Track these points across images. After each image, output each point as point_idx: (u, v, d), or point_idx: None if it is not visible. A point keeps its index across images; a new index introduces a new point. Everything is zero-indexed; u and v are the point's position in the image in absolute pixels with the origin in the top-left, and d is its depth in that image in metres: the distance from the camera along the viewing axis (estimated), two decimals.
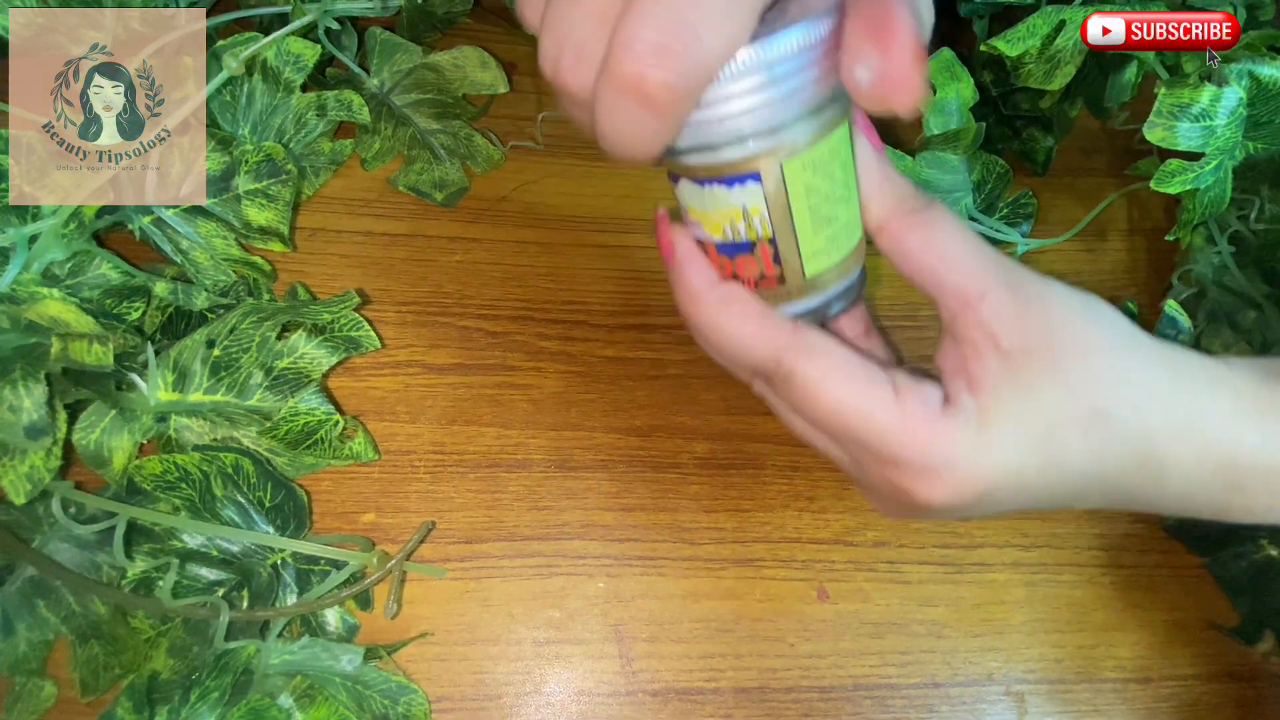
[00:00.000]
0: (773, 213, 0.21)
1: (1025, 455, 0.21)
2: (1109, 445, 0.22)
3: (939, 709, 0.33)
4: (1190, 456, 0.22)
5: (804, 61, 0.19)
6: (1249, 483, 0.22)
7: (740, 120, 0.19)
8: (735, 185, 0.20)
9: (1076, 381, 0.21)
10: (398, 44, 0.39)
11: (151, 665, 0.29)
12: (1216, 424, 0.22)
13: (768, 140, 0.19)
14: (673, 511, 0.35)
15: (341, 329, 0.33)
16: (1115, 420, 0.21)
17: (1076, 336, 0.22)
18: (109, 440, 0.30)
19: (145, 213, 0.33)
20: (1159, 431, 0.22)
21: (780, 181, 0.20)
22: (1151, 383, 0.22)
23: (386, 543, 0.33)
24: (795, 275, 0.22)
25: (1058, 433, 0.21)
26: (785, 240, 0.21)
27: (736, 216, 0.21)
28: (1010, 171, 0.40)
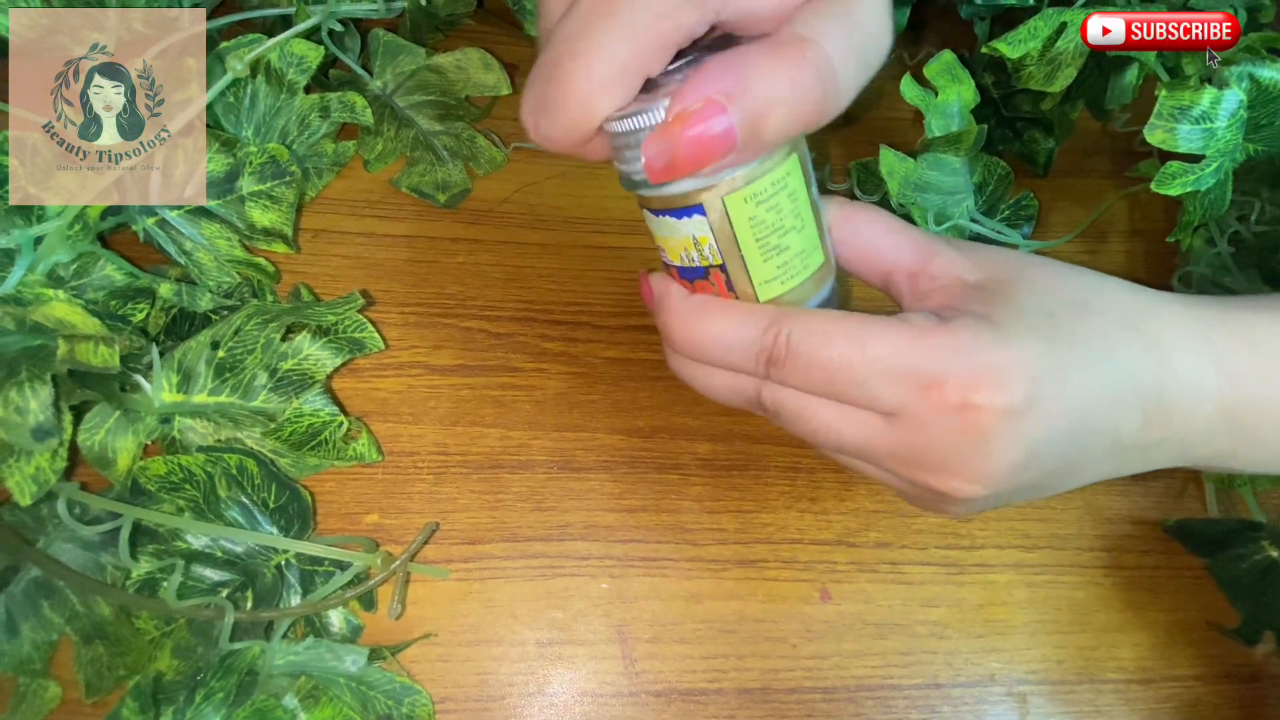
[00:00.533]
0: (720, 243, 0.22)
1: (1046, 340, 0.21)
2: (1108, 330, 0.22)
3: (941, 710, 0.33)
4: (1177, 337, 0.23)
5: None
6: (1257, 421, 0.23)
7: None
8: (683, 216, 0.22)
9: (1050, 283, 0.23)
10: (401, 46, 0.39)
11: (156, 666, 0.29)
12: (1189, 314, 0.23)
13: (705, 178, 0.21)
14: (675, 513, 0.35)
15: (345, 330, 0.33)
16: (1100, 308, 0.22)
17: (1033, 261, 0.24)
18: (113, 441, 0.30)
19: (149, 214, 0.33)
20: (1140, 316, 0.23)
21: (724, 214, 0.21)
22: (1110, 280, 0.24)
23: (390, 544, 0.33)
24: (749, 300, 0.23)
25: (1060, 319, 0.21)
26: (735, 268, 0.22)
27: (689, 245, 0.22)
28: (1011, 173, 0.40)
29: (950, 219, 0.38)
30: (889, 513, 0.36)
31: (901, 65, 0.45)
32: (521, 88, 0.43)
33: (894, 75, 0.35)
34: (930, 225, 0.37)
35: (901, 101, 0.36)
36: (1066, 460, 0.22)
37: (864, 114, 0.44)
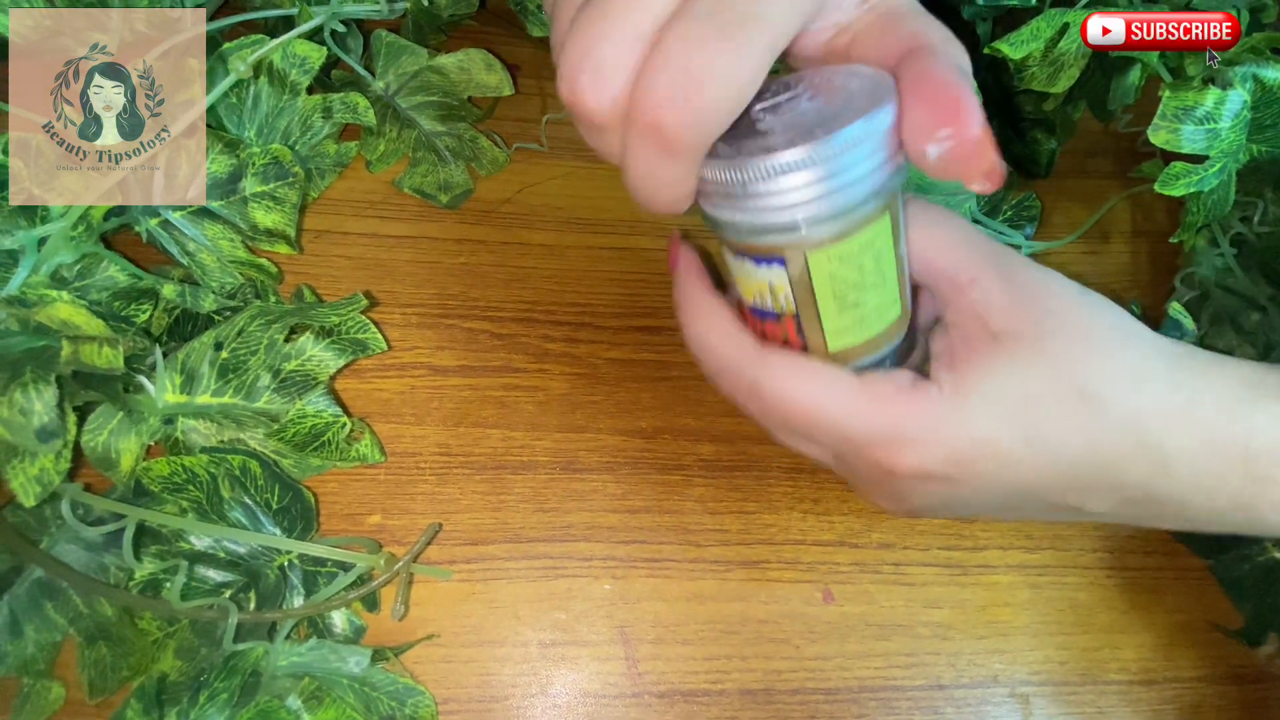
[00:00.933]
0: (796, 294, 0.22)
1: (1000, 426, 0.21)
2: (1099, 425, 0.21)
3: (944, 711, 0.33)
4: (1193, 443, 0.21)
5: (833, 168, 0.20)
6: (1274, 470, 0.21)
7: (769, 215, 0.20)
8: (762, 264, 0.21)
9: (1061, 361, 0.21)
10: (403, 46, 0.39)
11: (160, 667, 0.29)
12: (1220, 408, 0.21)
13: (793, 235, 0.20)
14: (678, 514, 0.35)
15: (348, 331, 0.33)
16: (1102, 400, 0.21)
17: (1068, 323, 0.21)
18: (117, 442, 0.30)
19: (152, 215, 0.33)
20: (1153, 415, 0.21)
21: (804, 269, 0.21)
22: (1143, 366, 0.21)
23: (393, 544, 0.33)
24: (819, 349, 0.23)
25: (1038, 407, 0.21)
26: (809, 318, 0.22)
27: (764, 290, 0.22)
28: (1014, 174, 0.40)
29: None
30: (891, 514, 0.36)
31: None
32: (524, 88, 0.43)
33: None
34: None
35: None
36: (1010, 510, 0.23)
37: None
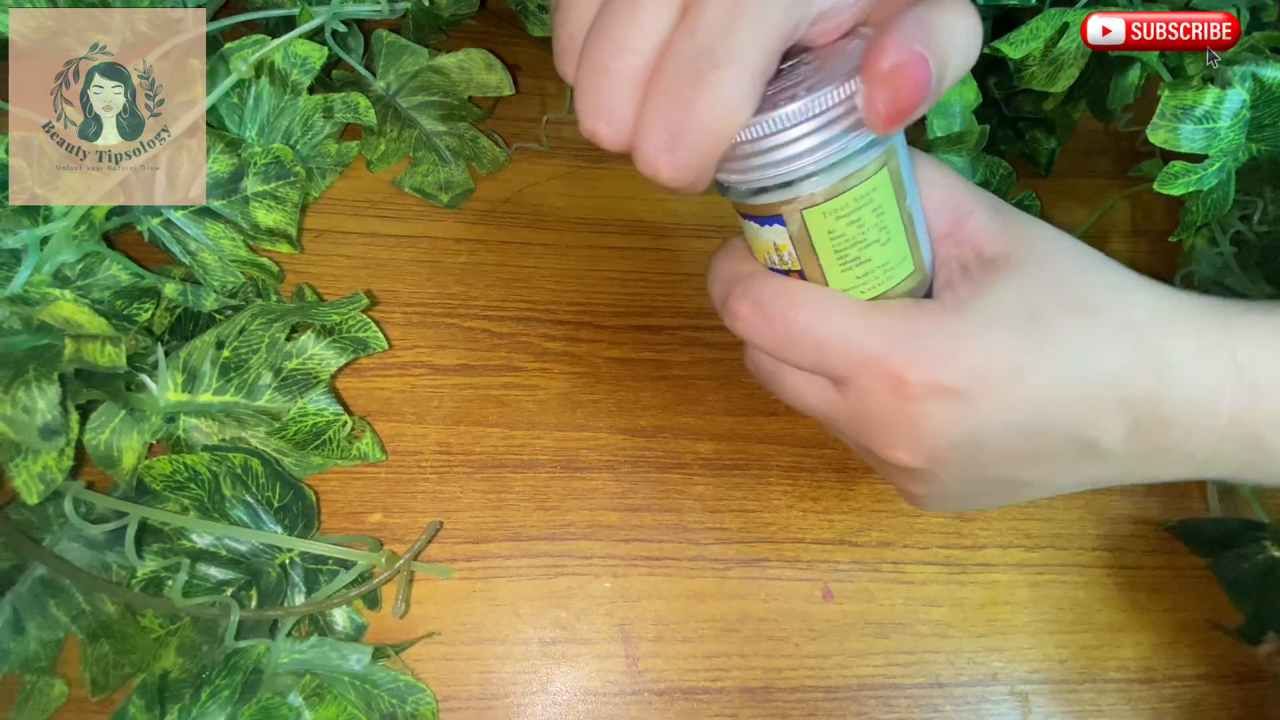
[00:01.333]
0: (799, 251, 0.22)
1: (1011, 335, 0.21)
2: (1101, 333, 0.21)
3: (943, 709, 0.33)
4: (1187, 344, 0.21)
5: (817, 125, 0.20)
6: (1261, 378, 0.21)
7: (762, 175, 0.21)
8: (765, 224, 0.22)
9: (1057, 276, 0.22)
10: (404, 46, 0.39)
11: (161, 664, 0.29)
12: (1204, 311, 0.22)
13: (785, 193, 0.21)
14: (678, 512, 0.35)
15: (349, 330, 0.33)
16: (1099, 309, 0.21)
17: (1058, 245, 0.22)
18: (119, 440, 0.30)
19: (154, 214, 0.34)
20: (1147, 319, 0.21)
21: (802, 226, 0.22)
22: (1128, 279, 0.22)
23: (394, 543, 0.33)
24: None
25: (1042, 317, 0.21)
26: (814, 276, 0.23)
27: (770, 249, 0.23)
28: (1013, 173, 0.40)
29: None
30: (891, 512, 0.36)
31: None
32: (524, 88, 0.43)
33: None
34: None
35: None
36: (1027, 456, 0.22)
37: None
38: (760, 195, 0.21)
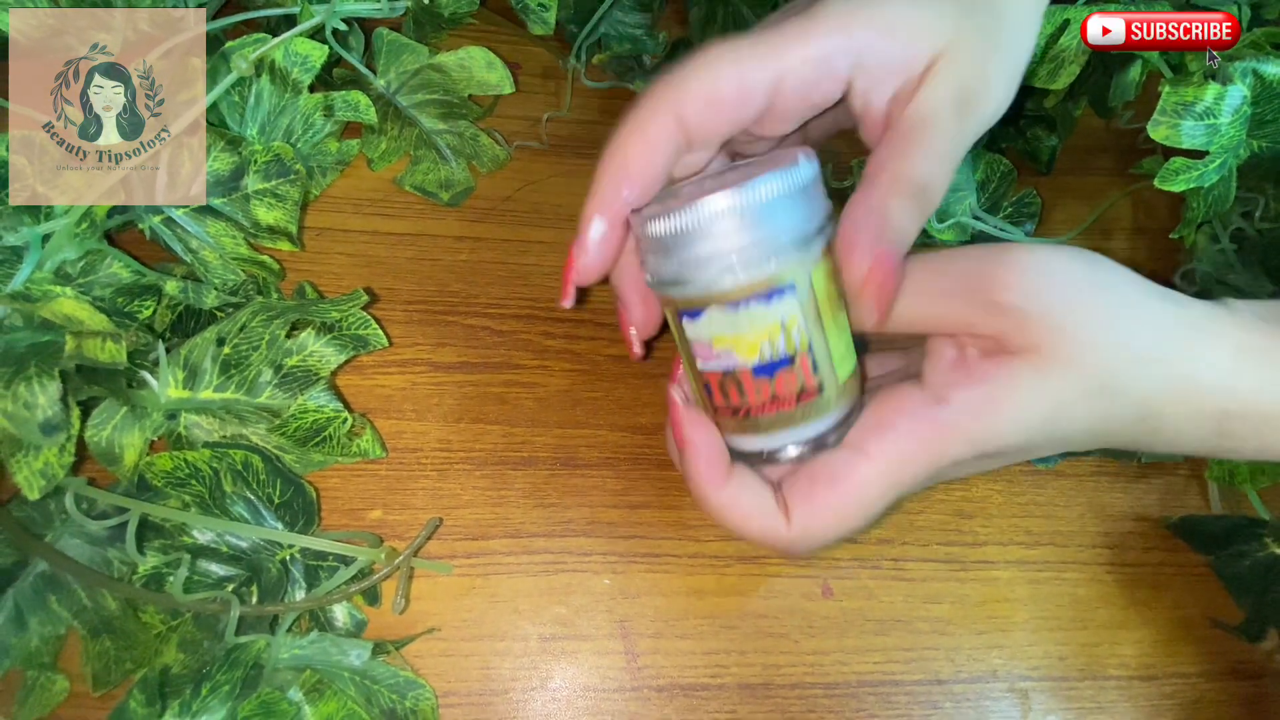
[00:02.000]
0: (808, 320, 0.22)
1: (1031, 433, 0.22)
2: (1111, 411, 0.22)
3: (943, 706, 0.33)
4: (1185, 411, 0.23)
5: (817, 187, 0.22)
6: (1239, 428, 0.23)
7: (780, 235, 0.21)
8: (774, 299, 0.21)
9: (1082, 364, 0.22)
10: (404, 45, 0.39)
11: (163, 659, 0.29)
12: (1213, 379, 0.22)
13: (800, 251, 0.21)
14: (677, 509, 0.35)
15: (350, 327, 0.33)
16: (1118, 390, 0.22)
17: (1082, 322, 0.22)
18: (120, 437, 0.30)
19: (155, 212, 0.34)
20: (1158, 394, 0.22)
21: (810, 290, 0.21)
22: (1154, 346, 0.22)
23: (394, 539, 0.33)
24: (831, 383, 0.23)
25: (1065, 410, 0.22)
26: (819, 347, 0.22)
27: (775, 331, 0.21)
28: (1014, 171, 0.40)
29: (953, 216, 0.38)
30: (891, 510, 0.36)
31: None
32: (525, 87, 0.43)
33: None
34: (933, 222, 0.37)
35: None
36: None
37: None
38: (774, 262, 0.21)
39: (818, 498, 0.23)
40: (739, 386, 0.22)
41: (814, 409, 0.23)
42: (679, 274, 0.21)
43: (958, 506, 0.36)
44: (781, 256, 0.21)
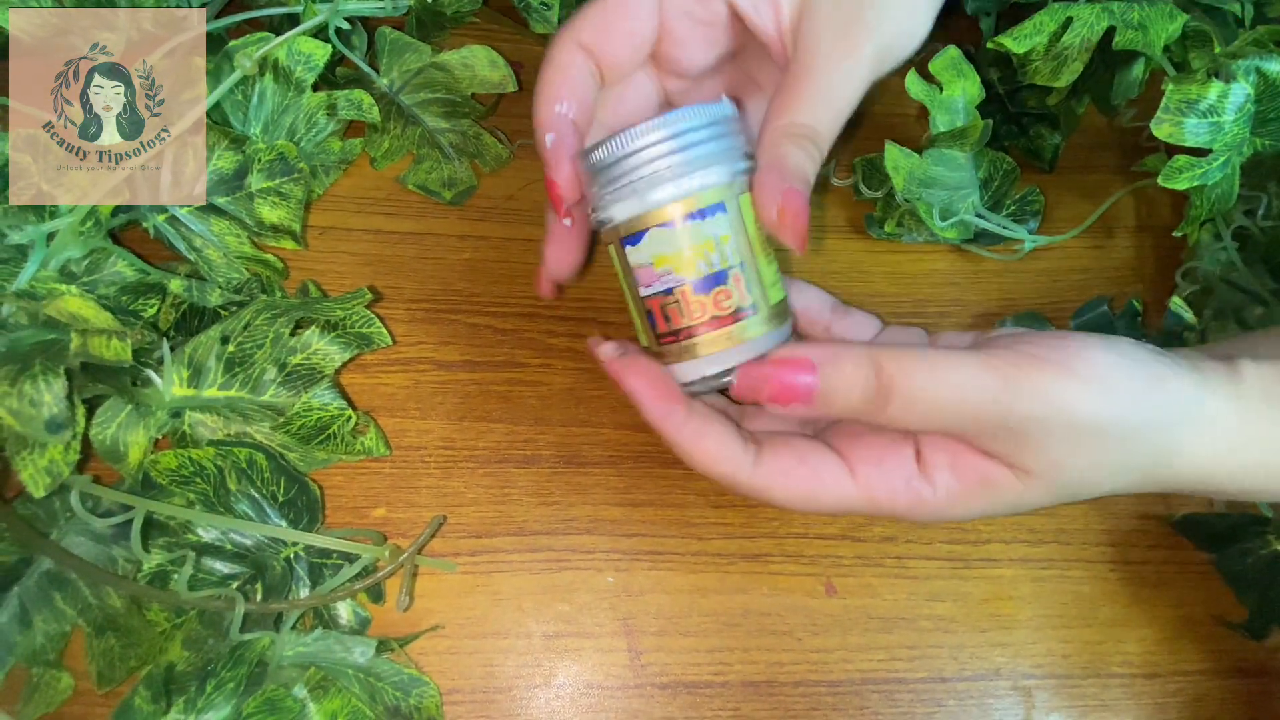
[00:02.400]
0: (738, 239, 0.24)
1: (1056, 496, 0.24)
2: (1123, 476, 0.24)
3: (946, 703, 0.33)
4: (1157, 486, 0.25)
5: (738, 125, 0.25)
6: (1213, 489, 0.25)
7: (706, 157, 0.24)
8: (707, 216, 0.24)
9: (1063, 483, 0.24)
10: (407, 43, 0.39)
11: (167, 657, 0.29)
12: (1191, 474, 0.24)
13: (726, 174, 0.24)
14: (680, 507, 0.35)
15: (353, 325, 0.33)
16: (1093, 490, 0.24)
17: (1076, 463, 0.23)
18: (125, 435, 0.30)
19: (160, 211, 0.34)
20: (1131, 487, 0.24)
21: (739, 213, 0.24)
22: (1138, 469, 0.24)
23: (398, 537, 0.33)
24: (762, 301, 0.25)
25: (1088, 477, 0.24)
26: (750, 267, 0.25)
27: (710, 247, 0.24)
28: (1017, 169, 0.40)
29: (956, 214, 0.38)
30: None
31: (907, 61, 0.45)
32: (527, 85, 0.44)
33: (899, 71, 0.35)
34: (936, 220, 0.37)
35: (907, 97, 0.36)
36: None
37: (870, 110, 0.45)
38: (708, 175, 0.23)
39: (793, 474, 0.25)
40: (679, 306, 0.24)
41: (750, 327, 0.25)
42: (618, 197, 0.24)
43: None
44: (708, 174, 0.24)
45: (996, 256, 0.41)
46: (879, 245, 0.41)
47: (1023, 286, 0.41)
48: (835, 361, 0.23)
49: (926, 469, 0.24)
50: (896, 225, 0.40)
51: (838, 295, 0.40)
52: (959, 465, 0.24)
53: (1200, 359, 0.24)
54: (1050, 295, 0.41)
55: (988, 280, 0.41)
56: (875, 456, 0.25)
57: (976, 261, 0.41)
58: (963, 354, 0.23)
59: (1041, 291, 0.41)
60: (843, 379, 0.23)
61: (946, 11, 0.29)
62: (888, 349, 0.23)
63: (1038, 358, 0.22)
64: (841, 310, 0.29)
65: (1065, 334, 0.24)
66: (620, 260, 0.25)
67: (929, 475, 0.24)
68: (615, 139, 0.24)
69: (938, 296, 0.40)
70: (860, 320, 0.29)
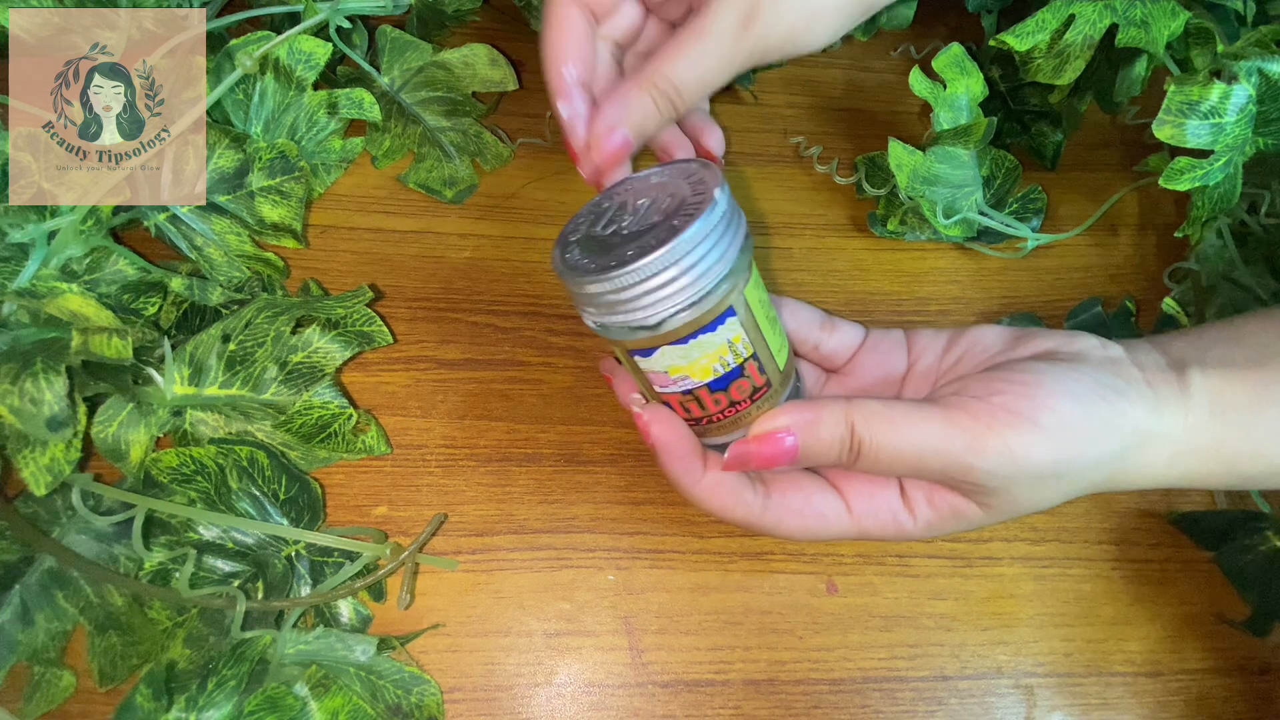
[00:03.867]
0: (749, 333, 0.24)
1: (1014, 515, 0.26)
2: (1074, 495, 0.26)
3: (948, 702, 0.33)
4: (1135, 482, 0.26)
5: (734, 210, 0.24)
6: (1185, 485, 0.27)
7: (714, 271, 0.23)
8: (719, 325, 0.23)
9: (1022, 505, 0.26)
10: (408, 42, 0.39)
11: (169, 655, 0.29)
12: (1143, 479, 0.26)
13: (734, 278, 0.23)
14: (681, 505, 0.35)
15: (354, 324, 0.33)
16: (1083, 489, 0.26)
17: (1032, 498, 0.25)
18: (126, 433, 0.30)
19: (161, 210, 0.34)
20: (1114, 482, 0.26)
21: (746, 306, 0.24)
22: (1091, 485, 0.26)
23: (399, 535, 0.33)
24: (775, 373, 0.26)
25: (1044, 501, 0.26)
26: (763, 351, 0.25)
27: (724, 351, 0.24)
28: (1020, 167, 0.40)
29: (959, 212, 0.38)
30: None
31: (909, 58, 0.45)
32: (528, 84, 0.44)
33: (902, 69, 0.35)
34: (939, 218, 0.37)
35: (909, 95, 0.36)
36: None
37: (871, 107, 0.44)
38: (714, 298, 0.23)
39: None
40: (698, 402, 0.25)
41: (766, 401, 0.26)
42: (625, 323, 0.23)
43: None
44: (719, 289, 0.23)
45: (999, 254, 0.41)
46: (881, 243, 0.41)
47: (1025, 284, 0.41)
48: (812, 427, 0.25)
49: (908, 502, 0.27)
50: (899, 223, 0.40)
51: (839, 294, 0.40)
52: (934, 500, 0.26)
53: (1156, 371, 0.26)
54: (1053, 293, 0.41)
55: (990, 278, 0.41)
56: (867, 492, 0.27)
57: (979, 259, 0.41)
58: (928, 411, 0.25)
59: (1044, 289, 0.41)
60: (819, 441, 0.25)
61: (949, 9, 0.29)
62: (859, 406, 0.25)
63: (1007, 411, 0.24)
64: (829, 325, 0.30)
65: (1034, 376, 0.25)
66: (629, 362, 0.25)
67: (910, 508, 0.26)
68: (613, 276, 0.22)
69: (940, 294, 0.40)
70: (846, 333, 0.31)
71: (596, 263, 0.23)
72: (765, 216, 0.41)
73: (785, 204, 0.41)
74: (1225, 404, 0.25)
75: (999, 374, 0.26)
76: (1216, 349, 0.27)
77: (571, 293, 0.24)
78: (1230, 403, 0.25)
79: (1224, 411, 0.25)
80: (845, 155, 0.43)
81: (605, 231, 0.24)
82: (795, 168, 0.43)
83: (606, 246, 0.23)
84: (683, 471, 0.26)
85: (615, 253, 0.23)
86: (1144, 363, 0.26)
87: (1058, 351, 0.26)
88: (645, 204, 0.25)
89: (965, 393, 0.25)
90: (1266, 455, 0.26)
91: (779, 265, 0.40)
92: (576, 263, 0.23)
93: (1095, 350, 0.27)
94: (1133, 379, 0.26)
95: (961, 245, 0.41)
